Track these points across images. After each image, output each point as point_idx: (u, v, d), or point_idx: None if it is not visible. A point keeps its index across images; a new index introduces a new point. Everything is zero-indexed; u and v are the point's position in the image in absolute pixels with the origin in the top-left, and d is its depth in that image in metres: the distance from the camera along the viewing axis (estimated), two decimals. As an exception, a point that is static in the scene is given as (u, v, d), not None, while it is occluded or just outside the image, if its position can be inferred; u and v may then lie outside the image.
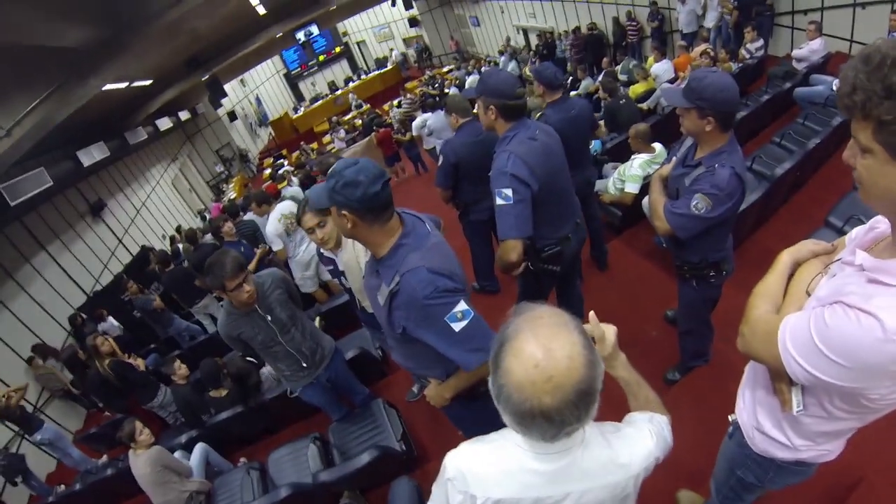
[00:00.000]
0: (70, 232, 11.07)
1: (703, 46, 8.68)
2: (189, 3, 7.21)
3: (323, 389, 3.71)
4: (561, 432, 1.09)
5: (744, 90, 7.33)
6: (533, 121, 2.99)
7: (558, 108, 3.97)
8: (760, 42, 8.46)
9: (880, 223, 1.25)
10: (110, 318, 8.62)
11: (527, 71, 14.56)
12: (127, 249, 13.04)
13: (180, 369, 5.21)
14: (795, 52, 7.48)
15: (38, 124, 6.88)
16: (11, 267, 8.89)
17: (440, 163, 4.23)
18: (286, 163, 18.28)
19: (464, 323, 1.84)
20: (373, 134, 12.07)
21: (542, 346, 1.02)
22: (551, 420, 1.04)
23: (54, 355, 8.08)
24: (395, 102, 17.55)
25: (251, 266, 5.62)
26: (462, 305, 1.85)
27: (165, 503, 4.10)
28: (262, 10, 12.17)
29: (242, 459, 4.70)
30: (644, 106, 8.03)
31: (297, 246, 5.71)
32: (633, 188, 4.86)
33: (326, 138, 19.06)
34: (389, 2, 21.86)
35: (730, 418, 1.83)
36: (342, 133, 17.56)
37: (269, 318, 3.20)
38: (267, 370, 4.94)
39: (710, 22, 10.54)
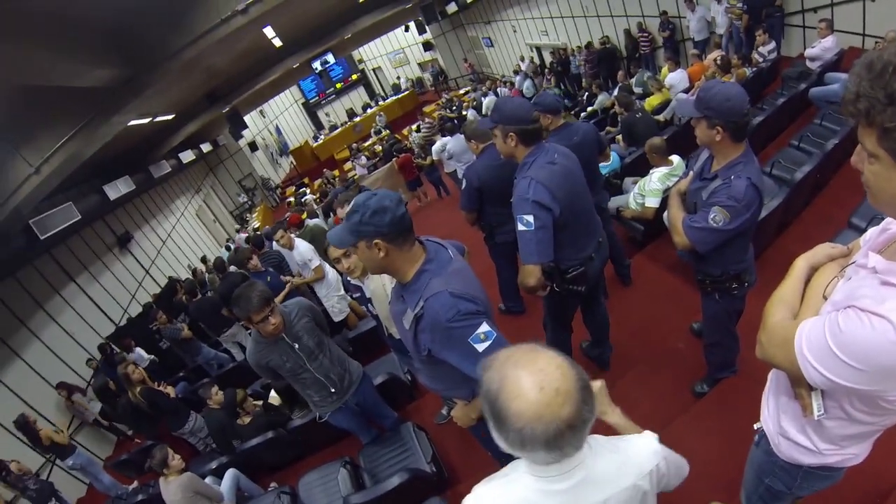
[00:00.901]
0: (98, 263, 11.41)
1: (715, 53, 8.65)
2: (205, 42, 7.50)
3: (352, 414, 3.75)
4: (582, 440, 1.12)
5: (759, 94, 7.30)
6: (551, 144, 2.99)
7: (562, 135, 3.94)
8: (773, 44, 8.35)
9: (893, 224, 1.26)
10: (138, 349, 8.78)
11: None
12: (154, 280, 13.34)
13: (217, 395, 5.31)
14: (808, 52, 7.36)
15: (65, 161, 7.18)
16: (42, 298, 9.19)
17: (464, 186, 4.28)
18: (308, 191, 18.57)
19: (487, 343, 1.88)
20: (393, 160, 12.23)
21: (533, 371, 1.04)
22: (575, 427, 1.06)
23: (79, 391, 8.26)
24: (415, 127, 17.78)
25: (279, 298, 5.75)
26: (485, 327, 1.89)
27: None
28: (278, 43, 12.44)
29: (273, 484, 4.76)
30: (660, 118, 7.95)
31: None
32: (653, 202, 4.85)
33: (348, 165, 19.26)
34: (403, 27, 22.35)
35: (755, 427, 1.82)
36: (363, 160, 17.79)
37: (297, 346, 3.27)
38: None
39: (720, 28, 10.45)
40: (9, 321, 8.31)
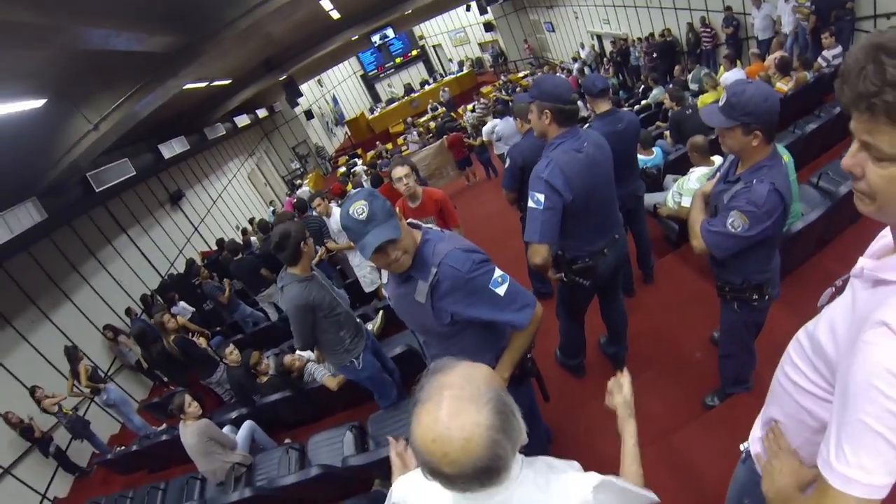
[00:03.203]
0: (150, 218, 12.02)
1: (777, 53, 8.29)
2: (260, 12, 7.71)
3: (374, 358, 3.96)
4: (494, 481, 1.07)
5: (819, 100, 6.99)
6: (586, 131, 2.96)
7: (606, 120, 3.93)
8: (839, 49, 7.90)
9: (888, 233, 1.12)
10: (181, 302, 9.20)
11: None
12: (202, 237, 13.95)
13: (232, 354, 5.58)
14: None
15: (122, 120, 7.55)
16: (94, 247, 9.82)
17: (507, 165, 4.33)
18: (360, 162, 18.85)
19: (505, 286, 1.97)
20: (444, 137, 12.32)
21: (442, 422, 0.99)
22: (453, 484, 1.05)
23: (124, 334, 8.77)
24: (470, 107, 17.80)
25: (315, 261, 6.02)
26: (498, 271, 1.99)
27: (209, 471, 4.51)
28: (336, 15, 12.63)
29: (287, 440, 5.02)
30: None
31: None
32: (689, 202, 4.69)
33: (400, 140, 19.52)
34: (465, 6, 22.25)
35: (741, 447, 1.73)
36: (415, 135, 18.01)
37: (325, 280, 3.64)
38: (311, 366, 5.18)
39: (786, 27, 10.02)
40: (62, 265, 8.91)
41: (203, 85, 10.96)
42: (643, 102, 11.29)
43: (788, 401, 1.29)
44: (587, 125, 4.23)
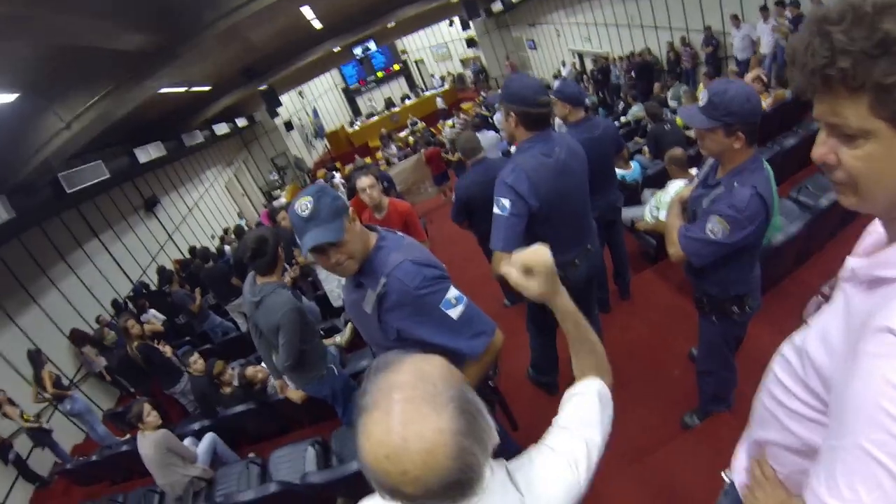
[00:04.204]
0: (123, 223, 11.80)
1: (755, 72, 8.47)
2: (239, 15, 7.68)
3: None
4: (461, 498, 0.89)
5: (797, 117, 7.13)
6: (558, 134, 2.86)
7: (581, 127, 3.82)
8: None
9: (878, 226, 1.00)
10: (152, 310, 9.05)
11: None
12: (176, 245, 13.70)
13: (196, 363, 5.47)
14: None
15: (96, 119, 7.45)
16: (64, 250, 9.58)
17: (453, 199, 4.35)
18: (338, 175, 18.82)
19: (459, 308, 1.82)
20: (422, 151, 12.28)
21: (395, 433, 0.80)
22: (437, 495, 0.84)
23: (90, 342, 8.46)
24: (450, 122, 17.87)
25: (288, 278, 6.01)
26: (454, 291, 1.83)
27: (167, 484, 4.35)
28: (318, 25, 12.62)
29: (251, 454, 4.89)
30: (691, 134, 7.50)
31: None
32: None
33: (379, 154, 19.50)
34: (448, 22, 22.45)
35: (723, 475, 1.57)
36: (393, 149, 18.03)
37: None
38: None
39: (765, 47, 10.29)
40: (30, 268, 8.68)
41: (181, 90, 10.88)
42: (622, 119, 11.43)
43: (774, 424, 1.15)
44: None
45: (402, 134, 21.13)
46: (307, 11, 10.80)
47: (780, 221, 3.91)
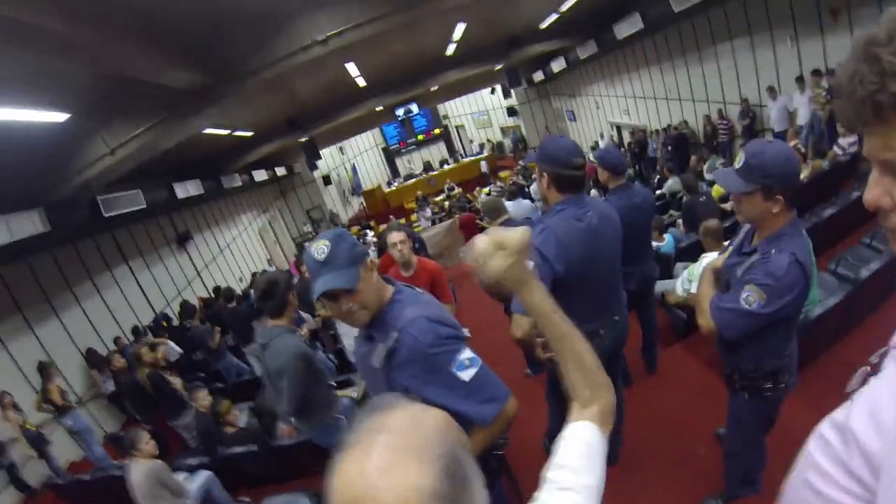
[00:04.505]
0: (154, 254, 12.19)
1: (793, 143, 8.40)
2: (284, 66, 8.11)
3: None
4: None
5: (834, 188, 7.03)
6: (592, 199, 2.77)
7: (622, 194, 3.76)
8: (854, 137, 7.85)
9: None
10: (170, 342, 9.12)
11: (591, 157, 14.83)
12: (203, 283, 13.99)
13: (203, 399, 5.47)
14: None
15: (139, 149, 7.88)
16: (94, 271, 9.93)
17: None
18: (371, 233, 19.16)
19: (472, 371, 1.73)
20: (457, 216, 12.34)
21: (369, 476, 0.72)
22: None
23: (104, 363, 8.57)
24: (486, 189, 18.18)
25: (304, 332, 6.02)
26: (468, 352, 1.75)
27: None
28: (362, 83, 13.11)
29: (245, 499, 4.82)
30: (727, 206, 7.37)
31: None
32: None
33: (414, 216, 19.88)
34: (489, 89, 23.15)
35: None
36: (428, 212, 18.37)
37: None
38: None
39: (802, 119, 10.16)
40: (58, 282, 8.99)
41: (224, 133, 11.39)
42: (658, 192, 11.40)
43: None
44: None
45: (439, 198, 21.47)
46: (352, 68, 11.22)
47: (818, 294, 3.77)
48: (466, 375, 1.72)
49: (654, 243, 5.74)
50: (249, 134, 12.98)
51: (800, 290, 2.04)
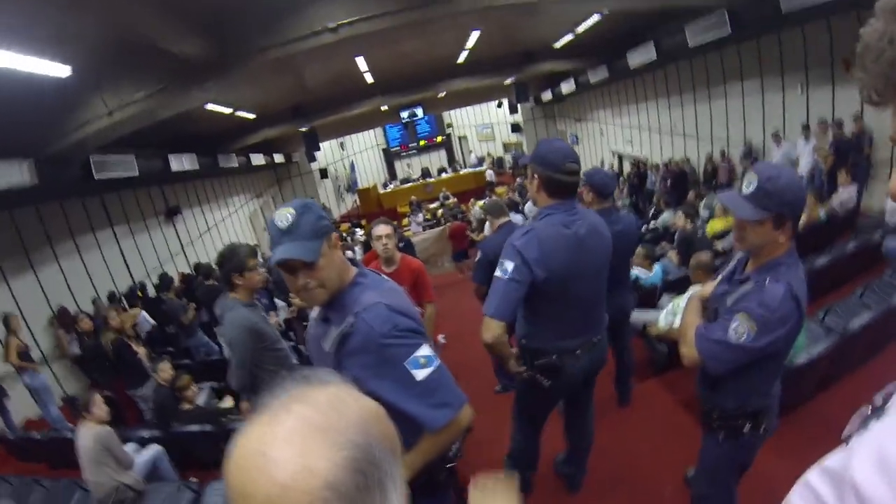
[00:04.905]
0: (141, 223, 12.12)
1: None
2: (293, 48, 8.08)
3: None
4: None
5: (829, 240, 6.97)
6: (585, 210, 2.68)
7: (604, 219, 3.59)
8: (854, 187, 8.07)
9: None
10: (143, 313, 9.09)
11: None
12: (186, 259, 13.93)
13: (164, 371, 5.36)
14: (889, 205, 6.55)
15: (139, 114, 7.81)
16: (77, 231, 9.85)
17: (477, 258, 4.23)
18: (360, 232, 19.10)
19: (427, 371, 1.62)
20: (447, 225, 12.25)
21: (263, 443, 0.63)
22: None
23: (72, 324, 8.45)
24: (480, 203, 18.22)
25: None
26: (425, 350, 1.65)
27: (95, 483, 4.14)
28: (370, 79, 13.14)
29: (193, 479, 4.70)
30: (719, 246, 7.34)
31: None
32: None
33: (405, 220, 19.84)
34: (497, 103, 23.25)
35: None
36: (420, 217, 18.36)
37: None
38: None
39: (804, 168, 10.15)
40: (39, 237, 8.92)
41: (227, 111, 11.31)
42: (652, 224, 11.50)
43: None
44: None
45: (433, 206, 21.47)
46: (361, 63, 11.23)
47: (804, 341, 3.73)
48: (421, 374, 1.61)
49: (642, 273, 5.78)
50: (252, 116, 12.89)
51: (792, 326, 1.92)
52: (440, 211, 19.61)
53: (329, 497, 0.59)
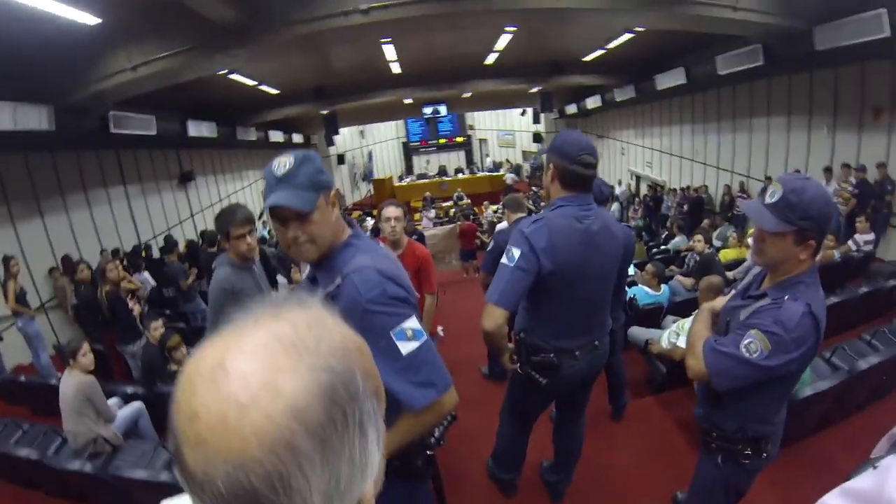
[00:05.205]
0: (153, 184, 12.21)
1: None
2: (321, 25, 8.07)
3: None
4: None
5: (841, 281, 6.91)
6: (600, 207, 2.57)
7: None
8: (871, 235, 7.98)
9: None
10: (146, 273, 9.16)
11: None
12: (194, 225, 14.03)
13: (156, 330, 5.28)
14: None
15: (161, 73, 7.79)
16: (90, 184, 9.94)
17: (489, 248, 4.19)
18: (371, 220, 19.04)
19: (414, 345, 1.52)
20: (458, 223, 12.30)
21: (226, 357, 0.50)
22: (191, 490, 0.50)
23: (68, 271, 8.52)
24: (494, 207, 18.23)
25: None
26: (414, 322, 1.54)
27: (73, 432, 4.13)
28: (396, 69, 13.13)
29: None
30: (730, 275, 7.08)
31: None
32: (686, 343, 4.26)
33: (417, 216, 19.77)
34: (521, 110, 23.22)
35: None
36: (432, 213, 18.36)
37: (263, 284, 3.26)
38: None
39: None
40: (51, 185, 9.01)
41: (251, 83, 11.33)
42: (663, 247, 11.41)
43: None
44: None
45: (446, 204, 21.51)
46: (389, 51, 11.18)
47: (809, 376, 3.67)
48: (406, 348, 1.51)
49: (651, 292, 5.75)
50: (275, 91, 12.91)
51: (808, 348, 1.80)
52: (453, 210, 19.59)
53: (295, 427, 0.47)
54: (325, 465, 0.49)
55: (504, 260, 2.33)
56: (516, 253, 2.29)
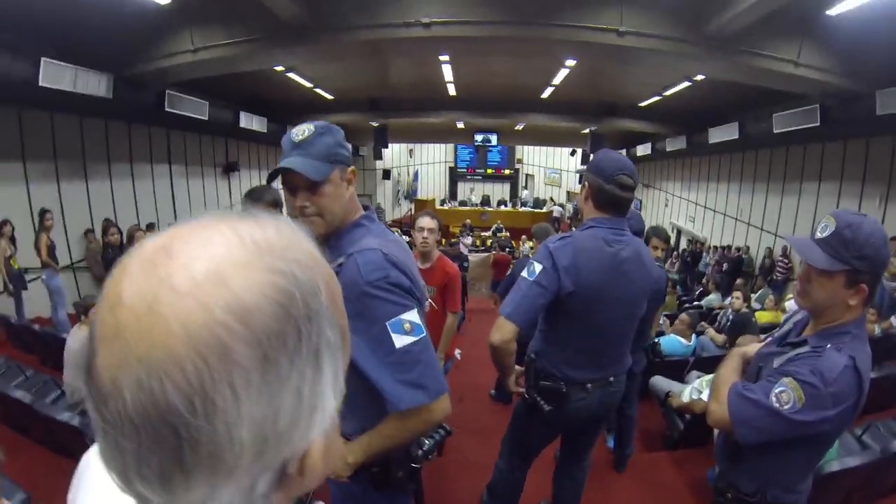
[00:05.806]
0: (197, 168, 12.50)
1: None
2: (382, 33, 8.18)
3: None
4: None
5: (879, 359, 6.12)
6: (634, 236, 2.40)
7: None
8: None
9: None
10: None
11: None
12: (233, 216, 14.18)
13: None
14: None
15: (220, 60, 8.02)
16: (137, 157, 10.24)
17: (508, 272, 4.07)
18: (406, 239, 18.99)
19: (409, 339, 1.41)
20: (493, 252, 12.32)
21: (176, 244, 0.41)
22: (104, 420, 0.39)
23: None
24: (530, 243, 18.13)
25: None
26: (414, 316, 1.43)
27: (72, 386, 4.16)
28: (452, 91, 13.28)
29: None
30: (763, 338, 7.03)
31: None
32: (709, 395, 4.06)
33: (454, 239, 19.78)
34: (570, 150, 23.16)
35: None
36: (469, 241, 18.35)
37: None
38: None
39: None
40: (100, 150, 9.29)
41: (307, 85, 11.58)
42: (695, 303, 11.09)
43: None
44: None
45: (485, 234, 21.45)
46: (447, 71, 11.28)
47: (836, 451, 3.40)
48: (401, 341, 1.40)
49: (683, 341, 5.59)
50: (330, 96, 13.17)
51: (847, 408, 1.56)
52: (490, 241, 19.52)
53: (234, 327, 0.38)
54: (264, 389, 0.39)
55: (524, 273, 2.20)
56: (538, 268, 2.16)
